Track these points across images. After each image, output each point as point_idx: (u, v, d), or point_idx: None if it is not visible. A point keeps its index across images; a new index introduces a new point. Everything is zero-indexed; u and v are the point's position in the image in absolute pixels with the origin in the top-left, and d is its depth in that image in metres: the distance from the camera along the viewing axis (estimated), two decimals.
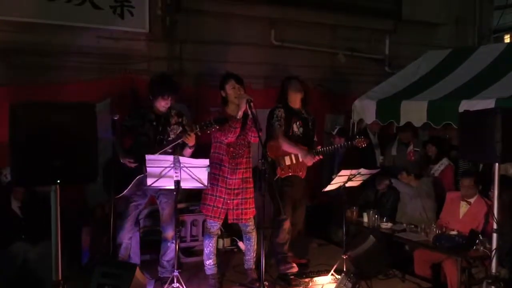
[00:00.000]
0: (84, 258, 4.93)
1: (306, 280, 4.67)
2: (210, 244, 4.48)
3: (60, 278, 2.85)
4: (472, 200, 4.86)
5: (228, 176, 4.37)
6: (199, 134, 4.22)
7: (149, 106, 4.53)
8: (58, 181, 2.70)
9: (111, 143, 4.54)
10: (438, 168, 6.00)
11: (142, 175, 4.23)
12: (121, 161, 4.34)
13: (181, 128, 4.52)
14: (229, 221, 4.50)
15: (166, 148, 4.32)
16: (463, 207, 4.91)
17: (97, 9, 5.87)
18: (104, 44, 6.07)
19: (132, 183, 4.34)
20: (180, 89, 4.65)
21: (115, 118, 4.43)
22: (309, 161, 4.76)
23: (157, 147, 4.33)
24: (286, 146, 4.70)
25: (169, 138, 4.45)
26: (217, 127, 4.17)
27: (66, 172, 2.67)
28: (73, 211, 4.74)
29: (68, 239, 3.49)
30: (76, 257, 4.85)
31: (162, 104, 4.44)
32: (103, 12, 5.91)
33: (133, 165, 4.32)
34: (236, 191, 4.41)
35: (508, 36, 11.26)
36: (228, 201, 4.40)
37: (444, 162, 5.90)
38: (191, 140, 4.21)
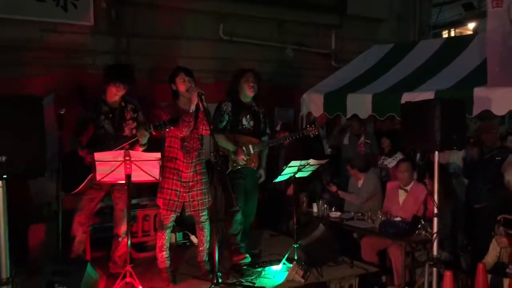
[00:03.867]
0: (32, 257, 4.79)
1: (259, 269, 4.74)
2: (163, 237, 4.47)
3: (8, 276, 2.78)
4: (408, 188, 5.15)
5: (183, 170, 4.38)
6: (153, 133, 4.20)
7: (103, 99, 4.44)
8: (5, 176, 2.62)
9: (56, 138, 4.45)
10: (392, 161, 6.21)
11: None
12: (80, 153, 4.28)
13: (135, 124, 4.46)
14: (187, 213, 4.50)
15: (120, 147, 4.26)
16: (402, 195, 5.20)
17: (39, 1, 5.69)
18: (48, 38, 5.89)
19: (86, 180, 4.27)
20: (134, 79, 4.55)
21: (61, 112, 4.34)
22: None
23: (111, 146, 4.25)
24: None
25: (124, 134, 4.40)
26: (171, 128, 4.17)
27: (12, 167, 2.60)
28: (19, 209, 4.59)
29: (14, 238, 3.40)
30: (23, 257, 4.71)
31: (113, 92, 4.35)
32: (45, 4, 5.74)
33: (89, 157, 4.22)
34: (191, 183, 4.42)
35: (446, 31, 11.82)
36: (184, 194, 4.41)
37: (398, 156, 6.10)
38: (144, 139, 4.21)
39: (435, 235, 4.01)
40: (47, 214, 5.29)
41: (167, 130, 4.18)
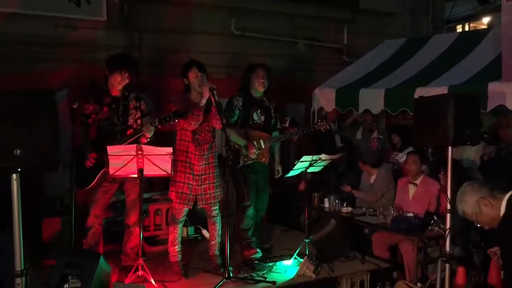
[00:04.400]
0: (46, 250, 4.85)
1: (270, 264, 4.75)
2: (175, 231, 4.50)
3: (22, 268, 2.81)
4: (418, 182, 5.14)
5: (195, 163, 4.40)
6: (159, 127, 4.22)
7: (104, 89, 4.48)
8: (19, 170, 2.65)
9: (70, 132, 4.49)
10: (403, 156, 6.17)
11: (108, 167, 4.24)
12: (87, 155, 4.31)
13: (139, 113, 4.50)
14: (199, 207, 4.52)
15: (127, 143, 4.29)
16: (411, 190, 5.19)
17: None
18: (61, 33, 5.95)
19: (99, 176, 4.31)
20: (138, 68, 4.58)
21: (74, 106, 4.37)
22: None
23: (118, 140, 4.31)
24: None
25: (128, 123, 4.44)
26: (177, 120, 4.19)
27: (27, 161, 2.62)
28: (33, 203, 4.63)
29: (28, 231, 3.44)
30: (37, 250, 4.76)
31: (118, 80, 4.37)
32: (58, 0, 5.77)
33: (92, 162, 4.28)
34: (203, 176, 4.44)
35: (460, 26, 11.68)
36: (196, 187, 4.43)
37: (409, 150, 6.06)
38: (149, 133, 4.24)
39: (448, 231, 3.98)
40: (61, 207, 5.35)
41: (172, 123, 4.19)
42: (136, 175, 4.07)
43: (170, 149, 4.03)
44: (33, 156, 2.64)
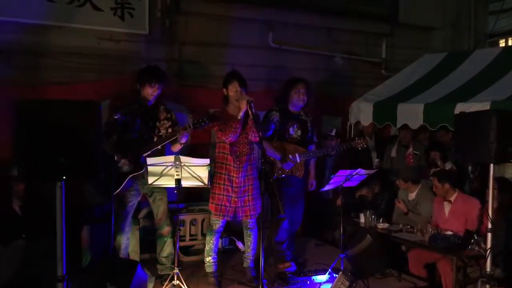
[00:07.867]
0: (85, 257, 4.96)
1: (304, 278, 4.72)
2: (212, 241, 4.54)
3: (64, 273, 2.89)
4: (452, 199, 5.01)
5: (234, 175, 4.44)
6: (191, 131, 4.34)
7: (137, 100, 4.61)
8: (64, 177, 2.74)
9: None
10: None
11: (135, 173, 4.37)
12: (119, 163, 4.41)
13: (170, 123, 4.61)
14: (239, 219, 4.54)
15: (158, 146, 4.42)
16: (447, 207, 5.07)
17: (97, 11, 5.91)
18: (104, 46, 6.11)
19: (126, 181, 4.41)
20: (167, 78, 4.76)
21: (116, 117, 4.50)
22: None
23: (150, 145, 4.41)
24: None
25: (160, 133, 4.54)
26: (210, 124, 4.29)
27: (71, 169, 2.71)
28: (73, 210, 4.76)
29: (68, 238, 3.53)
30: (77, 256, 4.87)
31: (150, 92, 4.54)
32: (103, 14, 5.96)
33: (127, 165, 4.39)
34: (243, 188, 4.47)
35: (503, 40, 11.37)
36: (236, 199, 4.46)
37: (448, 165, 5.93)
38: (183, 137, 4.33)
39: (488, 251, 3.86)
40: (100, 215, 5.46)
41: (206, 126, 4.30)
42: (173, 186, 4.13)
43: (207, 161, 4.09)
44: (77, 164, 2.73)
